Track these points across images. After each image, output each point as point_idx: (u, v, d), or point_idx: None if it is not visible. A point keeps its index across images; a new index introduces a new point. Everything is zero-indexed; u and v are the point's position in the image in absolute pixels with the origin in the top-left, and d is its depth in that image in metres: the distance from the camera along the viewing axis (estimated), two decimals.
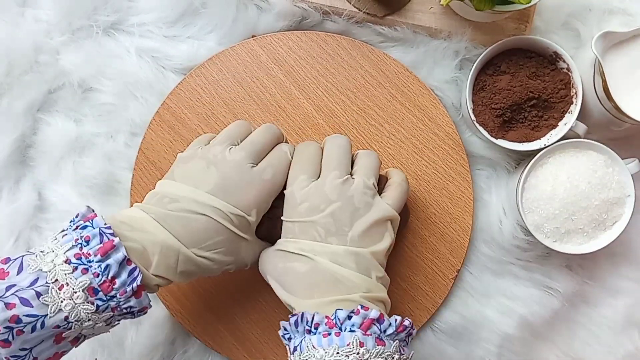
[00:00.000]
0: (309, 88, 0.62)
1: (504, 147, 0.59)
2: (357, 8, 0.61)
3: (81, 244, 0.44)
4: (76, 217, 0.47)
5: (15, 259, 0.44)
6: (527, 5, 0.52)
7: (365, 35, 0.63)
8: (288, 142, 0.56)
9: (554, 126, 0.59)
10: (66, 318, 0.43)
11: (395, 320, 0.45)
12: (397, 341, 0.45)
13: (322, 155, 0.52)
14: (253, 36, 0.63)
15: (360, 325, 0.44)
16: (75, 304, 0.43)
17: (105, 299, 0.44)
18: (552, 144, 0.57)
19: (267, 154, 0.52)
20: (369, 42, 0.63)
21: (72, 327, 0.43)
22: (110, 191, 0.63)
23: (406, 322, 0.46)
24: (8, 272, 0.43)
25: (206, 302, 0.61)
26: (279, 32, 0.63)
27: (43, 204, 0.63)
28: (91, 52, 0.63)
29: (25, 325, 0.41)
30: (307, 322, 0.45)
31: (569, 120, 0.58)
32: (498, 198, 0.62)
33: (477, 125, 0.59)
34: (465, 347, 0.62)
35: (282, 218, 0.50)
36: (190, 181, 0.49)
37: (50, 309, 0.42)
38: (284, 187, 0.51)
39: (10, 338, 0.41)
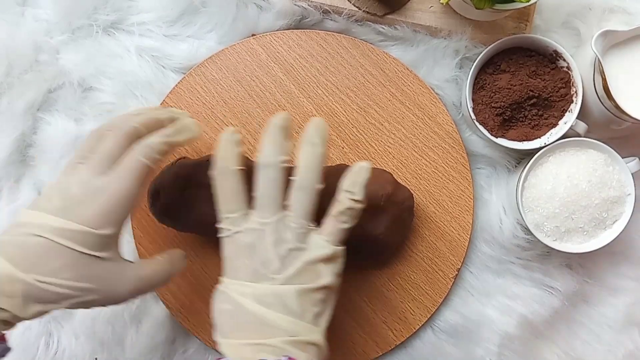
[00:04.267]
0: (309, 87, 0.62)
1: (504, 145, 0.58)
2: (357, 7, 0.61)
3: None
4: None
5: None
6: (527, 4, 0.52)
7: (365, 34, 0.63)
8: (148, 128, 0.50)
9: (554, 125, 0.59)
10: None
11: None
12: None
13: (242, 181, 0.47)
14: (253, 35, 0.63)
15: None
16: None
17: None
18: (552, 142, 0.57)
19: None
20: (369, 40, 0.63)
21: None
22: None
23: None
24: None
25: (206, 302, 0.60)
26: (278, 31, 0.63)
27: None
28: (91, 51, 0.63)
29: None
30: None
31: (569, 119, 0.57)
32: (498, 197, 0.62)
33: (477, 124, 0.59)
34: (466, 346, 0.62)
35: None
36: (36, 206, 0.45)
37: None
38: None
39: None
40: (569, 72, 0.58)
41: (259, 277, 0.44)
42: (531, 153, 0.58)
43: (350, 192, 0.47)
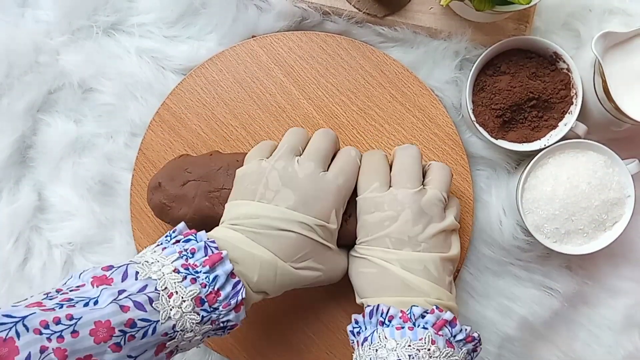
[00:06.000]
0: (309, 88, 0.62)
1: (504, 147, 0.59)
2: (357, 8, 0.61)
3: (186, 255, 0.45)
4: (173, 232, 0.48)
5: (119, 267, 0.44)
6: (527, 6, 0.52)
7: (365, 36, 0.63)
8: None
9: (554, 127, 0.59)
10: (173, 327, 0.43)
11: (466, 329, 0.47)
12: (465, 350, 0.46)
13: (389, 163, 0.54)
14: (253, 36, 0.63)
15: (434, 324, 0.46)
16: (183, 312, 0.43)
17: (209, 310, 0.44)
18: (552, 144, 0.57)
19: (332, 158, 0.53)
20: (369, 42, 0.63)
21: (176, 337, 0.43)
22: (110, 192, 0.63)
23: (475, 335, 0.48)
24: (112, 278, 0.43)
25: None
26: (279, 33, 0.63)
27: (43, 204, 0.64)
28: (91, 52, 0.63)
29: (137, 331, 0.41)
30: (383, 313, 0.47)
31: (569, 120, 0.58)
32: (498, 198, 0.62)
33: (477, 125, 0.59)
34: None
35: (358, 224, 0.52)
36: (269, 199, 0.50)
37: (162, 316, 0.42)
38: (354, 192, 0.53)
39: (122, 342, 0.40)
40: (569, 73, 0.58)
41: (402, 244, 0.49)
42: (531, 155, 0.58)
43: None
